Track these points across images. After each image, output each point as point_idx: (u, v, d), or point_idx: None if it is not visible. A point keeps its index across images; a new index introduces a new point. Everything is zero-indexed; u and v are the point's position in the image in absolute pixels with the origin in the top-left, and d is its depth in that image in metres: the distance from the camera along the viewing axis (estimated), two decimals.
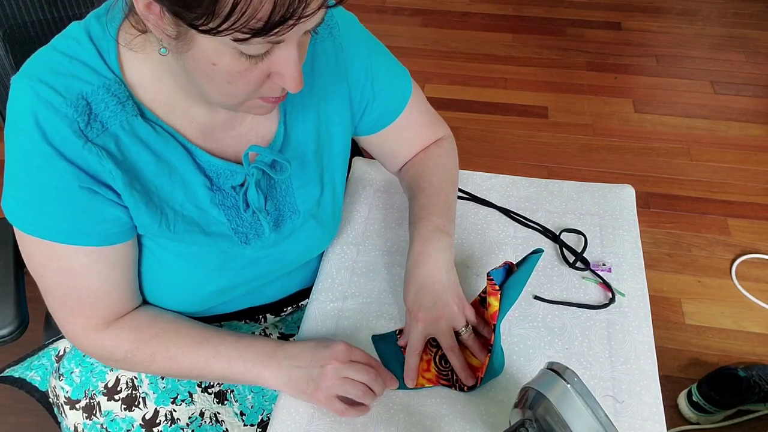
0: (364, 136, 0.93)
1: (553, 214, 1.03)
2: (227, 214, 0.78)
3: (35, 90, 0.66)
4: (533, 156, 2.23)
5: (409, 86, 0.92)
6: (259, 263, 0.85)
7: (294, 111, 0.81)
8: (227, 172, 0.77)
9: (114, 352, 0.79)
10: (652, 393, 0.81)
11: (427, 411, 0.80)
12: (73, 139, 0.66)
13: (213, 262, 0.81)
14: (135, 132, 0.70)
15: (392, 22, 2.86)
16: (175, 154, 0.73)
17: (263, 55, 0.60)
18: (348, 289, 0.94)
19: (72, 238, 0.70)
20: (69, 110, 0.66)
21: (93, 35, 0.69)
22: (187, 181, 0.75)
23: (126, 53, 0.69)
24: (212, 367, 0.79)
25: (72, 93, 0.66)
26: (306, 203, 0.85)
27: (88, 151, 0.67)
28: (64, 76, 0.67)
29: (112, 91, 0.68)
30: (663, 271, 1.87)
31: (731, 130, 2.32)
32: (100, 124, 0.68)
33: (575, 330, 0.88)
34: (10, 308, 0.92)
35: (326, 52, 0.82)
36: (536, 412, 0.64)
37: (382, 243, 1.00)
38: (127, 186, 0.70)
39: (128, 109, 0.69)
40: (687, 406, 1.53)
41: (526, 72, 2.58)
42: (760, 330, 1.72)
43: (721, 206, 2.04)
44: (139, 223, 0.74)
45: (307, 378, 0.78)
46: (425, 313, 0.81)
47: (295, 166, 0.83)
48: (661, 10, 2.93)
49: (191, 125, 0.74)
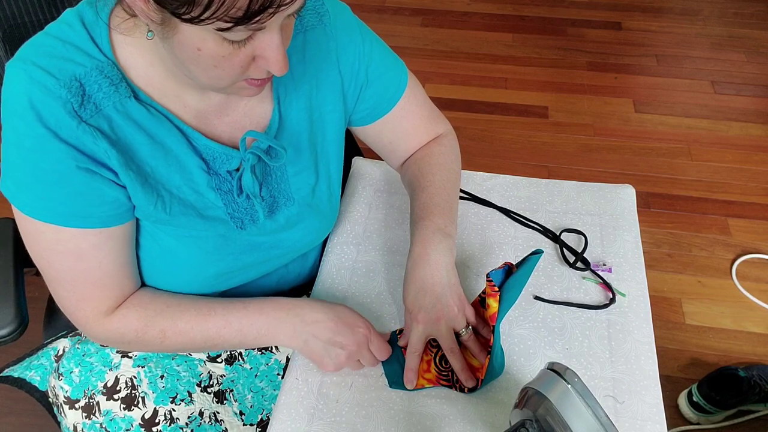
0: (361, 126, 0.93)
1: (553, 214, 1.03)
2: (224, 198, 0.79)
3: (29, 73, 0.67)
4: (533, 156, 2.23)
5: (405, 76, 0.92)
6: (258, 249, 0.86)
7: (287, 98, 0.82)
8: (223, 156, 0.78)
9: (124, 334, 0.80)
10: (653, 393, 0.81)
11: (427, 411, 0.80)
12: (68, 120, 0.67)
13: (211, 245, 0.81)
14: (128, 113, 0.71)
15: (392, 22, 2.86)
16: (170, 136, 0.74)
17: (246, 40, 0.62)
18: (348, 289, 0.94)
19: (72, 221, 0.71)
20: (62, 91, 0.67)
21: (85, 20, 0.70)
22: (183, 164, 0.76)
23: (118, 37, 0.70)
24: (225, 336, 0.82)
25: (65, 75, 0.67)
26: (300, 191, 0.86)
27: (82, 131, 0.68)
28: (57, 58, 0.68)
29: (105, 72, 0.69)
30: (663, 271, 1.87)
31: (732, 130, 2.32)
32: (94, 105, 0.69)
33: (575, 330, 0.87)
34: (10, 308, 0.92)
35: (317, 41, 0.82)
36: (537, 412, 0.64)
37: (382, 243, 1.00)
38: (123, 166, 0.71)
39: (121, 90, 0.70)
40: (687, 407, 1.53)
41: (526, 72, 2.58)
42: (760, 330, 1.72)
43: (722, 206, 2.04)
44: (137, 204, 0.74)
45: (322, 352, 0.82)
46: (425, 315, 0.81)
47: (290, 153, 0.84)
48: (662, 10, 2.92)
49: (185, 110, 0.75)
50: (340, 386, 0.83)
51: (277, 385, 0.94)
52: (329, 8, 0.83)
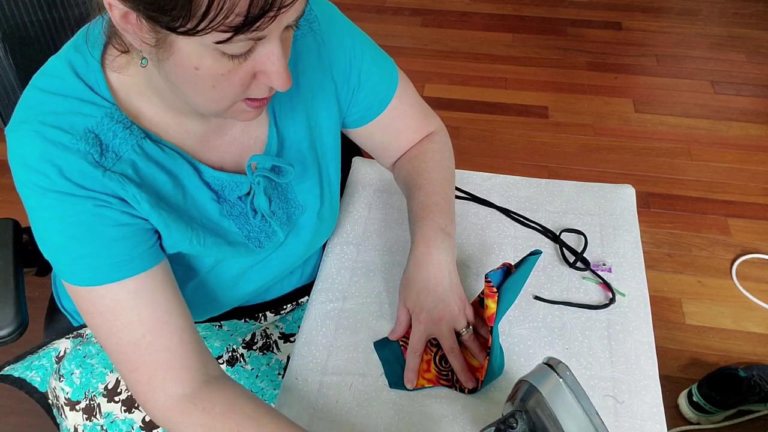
0: (354, 128, 0.92)
1: (553, 214, 1.03)
2: (237, 223, 0.78)
3: (40, 133, 0.64)
4: (533, 156, 2.23)
5: (396, 76, 0.90)
6: (271, 266, 0.86)
7: (283, 113, 0.80)
8: (232, 184, 0.77)
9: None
10: (653, 393, 0.81)
11: (427, 411, 0.80)
12: (92, 171, 0.65)
13: (230, 273, 0.82)
14: (147, 154, 0.69)
15: (392, 22, 2.86)
16: (182, 171, 0.73)
17: (246, 54, 0.59)
18: (348, 289, 0.94)
19: (113, 273, 0.67)
20: (80, 144, 0.64)
21: (77, 70, 0.67)
22: (195, 198, 0.74)
23: (114, 78, 0.68)
24: None
25: (78, 129, 0.65)
26: (308, 201, 0.86)
27: (109, 179, 0.66)
28: (64, 115, 0.65)
29: (116, 118, 0.67)
30: (663, 271, 1.86)
31: (731, 130, 2.32)
32: (113, 153, 0.67)
33: (575, 330, 0.87)
34: (10, 308, 0.91)
35: (308, 49, 0.81)
36: (527, 404, 0.64)
37: (382, 243, 1.00)
38: (154, 207, 0.69)
39: (135, 132, 0.68)
40: (687, 406, 1.53)
41: (526, 72, 2.58)
42: (760, 330, 1.72)
43: (722, 206, 2.04)
44: (171, 243, 0.73)
45: None
46: (427, 315, 0.81)
47: (296, 168, 0.83)
48: (662, 10, 2.92)
49: (188, 137, 0.73)
50: (340, 386, 0.83)
51: (277, 385, 0.94)
52: (317, 14, 0.81)
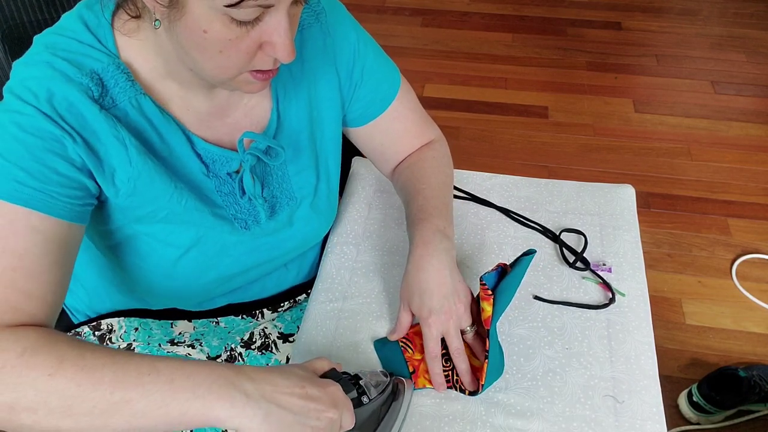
0: (354, 127, 0.93)
1: (553, 214, 1.03)
2: (224, 200, 0.79)
3: (51, 63, 0.66)
4: (533, 156, 2.23)
5: (398, 78, 0.92)
6: (258, 251, 0.85)
7: (286, 97, 0.82)
8: (222, 159, 0.78)
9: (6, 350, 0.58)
10: (653, 393, 0.81)
11: (427, 411, 0.80)
12: (89, 104, 0.66)
13: (212, 249, 0.81)
14: (142, 110, 0.71)
15: (392, 22, 2.86)
16: (175, 137, 0.74)
17: (254, 22, 0.61)
18: (348, 289, 0.94)
19: (18, 193, 0.62)
20: (84, 79, 0.66)
21: (89, 24, 0.69)
22: (183, 161, 0.76)
23: (122, 40, 0.70)
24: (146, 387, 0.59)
25: (85, 67, 0.67)
26: (302, 190, 0.86)
27: (104, 117, 0.68)
28: (76, 54, 0.68)
29: (122, 68, 0.69)
30: (663, 271, 1.86)
31: (732, 130, 2.32)
32: (111, 99, 0.69)
33: (575, 330, 0.87)
34: None
35: (314, 38, 0.83)
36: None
37: (382, 243, 1.00)
38: (142, 154, 0.70)
39: (137, 87, 0.70)
40: (687, 407, 1.53)
41: (526, 72, 2.58)
42: (760, 330, 1.72)
43: (722, 206, 2.04)
44: (149, 196, 0.73)
45: (300, 425, 0.62)
46: (436, 317, 0.80)
47: (289, 152, 0.83)
48: (662, 10, 2.92)
49: (188, 112, 0.75)
50: None
51: None
52: (325, 6, 0.83)
